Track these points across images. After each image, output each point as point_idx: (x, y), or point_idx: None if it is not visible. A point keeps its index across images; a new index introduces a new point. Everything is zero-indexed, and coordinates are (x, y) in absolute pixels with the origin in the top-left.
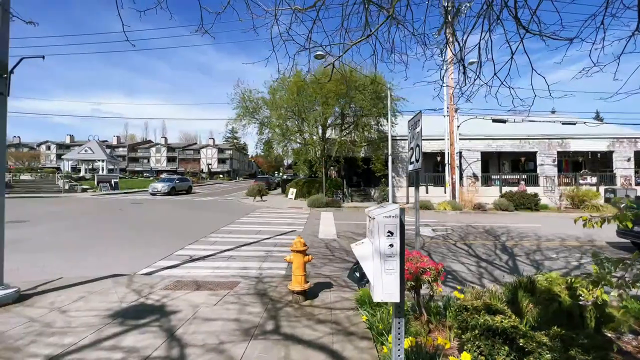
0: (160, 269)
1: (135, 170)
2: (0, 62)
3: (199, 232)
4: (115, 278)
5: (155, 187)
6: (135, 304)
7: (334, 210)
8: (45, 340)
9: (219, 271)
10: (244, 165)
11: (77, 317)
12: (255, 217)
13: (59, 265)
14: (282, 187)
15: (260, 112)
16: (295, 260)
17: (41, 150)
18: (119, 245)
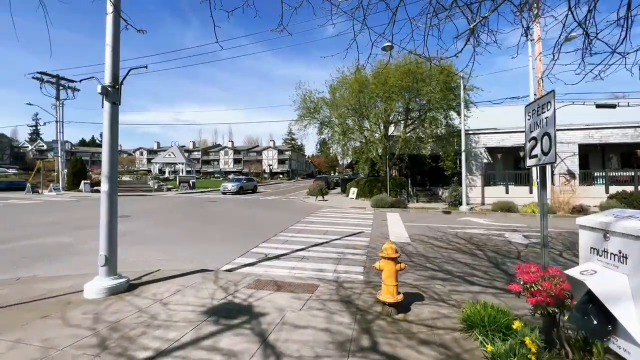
0: (239, 266)
1: (207, 171)
2: (113, 75)
3: (270, 231)
4: (203, 273)
5: (225, 187)
6: (224, 302)
7: (399, 211)
8: (153, 333)
9: (295, 272)
10: (302, 165)
11: (177, 311)
12: (319, 216)
13: (156, 257)
14: (341, 187)
15: (320, 112)
16: (386, 268)
17: (136, 155)
18: (202, 241)
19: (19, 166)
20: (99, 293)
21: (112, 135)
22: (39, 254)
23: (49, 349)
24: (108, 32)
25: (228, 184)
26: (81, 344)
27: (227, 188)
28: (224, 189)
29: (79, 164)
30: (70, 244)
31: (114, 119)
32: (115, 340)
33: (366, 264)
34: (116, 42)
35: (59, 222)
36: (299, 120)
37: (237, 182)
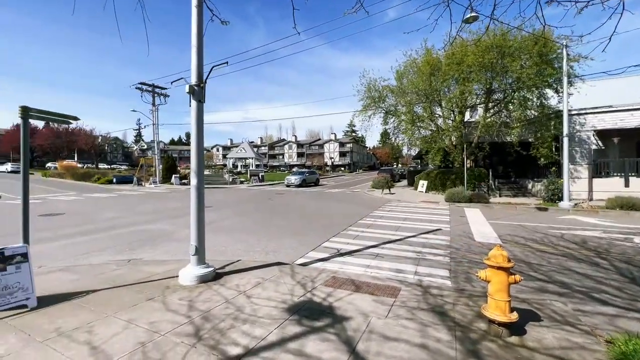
0: (312, 261)
1: (273, 165)
2: (198, 74)
3: (338, 225)
4: (280, 267)
5: (289, 180)
6: (304, 300)
7: (480, 207)
8: (240, 328)
9: (371, 271)
10: (363, 157)
11: (260, 306)
12: (388, 211)
13: (235, 247)
14: (407, 179)
15: (385, 100)
16: (496, 279)
17: (213, 151)
18: (274, 233)
19: (128, 163)
20: (191, 280)
21: (199, 131)
22: (144, 238)
23: (154, 332)
24: (193, 32)
25: (292, 177)
26: (179, 331)
27: (291, 181)
28: (288, 181)
29: (170, 161)
30: (168, 231)
31: (199, 116)
32: (207, 331)
33: (451, 267)
34: (200, 43)
35: (158, 211)
36: (363, 111)
37: (300, 175)
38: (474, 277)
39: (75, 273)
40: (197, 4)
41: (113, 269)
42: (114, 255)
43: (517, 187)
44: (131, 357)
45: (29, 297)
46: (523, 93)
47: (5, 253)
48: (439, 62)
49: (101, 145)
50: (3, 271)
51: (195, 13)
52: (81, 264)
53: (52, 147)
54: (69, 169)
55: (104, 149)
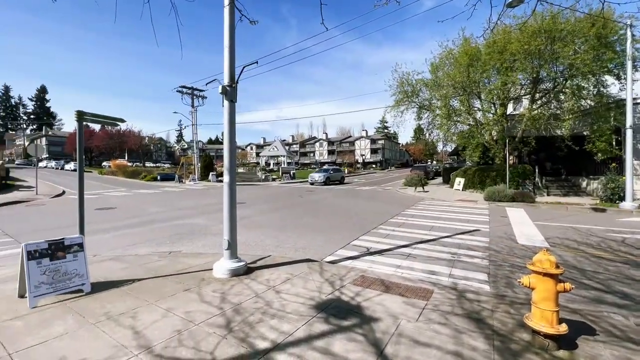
0: (342, 259)
1: (304, 162)
2: (230, 75)
3: (369, 223)
4: (308, 263)
5: (313, 178)
6: (332, 298)
7: (524, 207)
8: (269, 322)
9: (401, 271)
10: (395, 154)
11: (288, 302)
12: (421, 209)
13: (266, 242)
14: (443, 177)
15: (419, 95)
16: (542, 286)
17: (247, 150)
18: (304, 229)
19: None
20: (224, 273)
21: (231, 130)
22: (183, 232)
23: (189, 322)
24: (225, 34)
25: (315, 175)
26: (211, 322)
27: (314, 179)
28: (312, 179)
29: (208, 159)
30: (205, 226)
31: (232, 115)
32: (238, 324)
33: (490, 271)
34: (232, 44)
35: (196, 207)
36: (395, 106)
37: (324, 173)
38: (517, 283)
39: (123, 262)
40: (229, 4)
41: (156, 260)
42: (157, 247)
43: (568, 185)
44: (168, 344)
45: (84, 282)
46: (577, 81)
47: (65, 243)
48: (477, 51)
49: (147, 146)
50: (63, 259)
51: (227, 14)
52: (129, 254)
53: (106, 147)
54: (120, 167)
55: (150, 149)
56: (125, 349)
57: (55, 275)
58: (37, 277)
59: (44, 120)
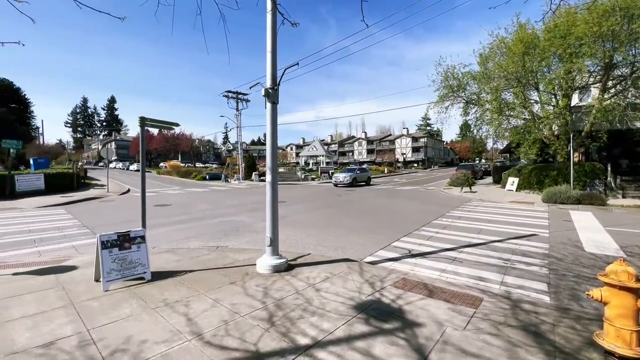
0: (382, 260)
1: (343, 162)
2: (273, 78)
3: (410, 224)
4: (348, 263)
5: (337, 178)
6: (372, 299)
7: (593, 210)
8: (309, 319)
9: (446, 276)
10: (439, 152)
11: (328, 300)
12: (468, 211)
13: (305, 241)
14: (493, 176)
15: (465, 89)
16: (617, 301)
17: (287, 150)
18: (343, 229)
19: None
20: (266, 269)
21: (273, 131)
22: (229, 228)
23: (234, 313)
24: (268, 37)
25: (340, 175)
26: (255, 315)
27: (339, 180)
28: (336, 180)
29: (251, 160)
30: (248, 223)
31: (274, 117)
32: (279, 319)
33: (550, 281)
34: (274, 48)
35: (240, 205)
36: (439, 102)
37: (350, 173)
38: (584, 295)
39: (177, 255)
40: (271, 9)
41: (205, 253)
42: (206, 241)
43: None
44: (216, 332)
45: (146, 271)
46: None
47: (130, 235)
48: (534, 38)
49: (197, 147)
50: (129, 249)
51: (270, 19)
52: (182, 247)
53: (163, 149)
54: (175, 168)
55: (200, 151)
56: (180, 334)
57: (122, 263)
58: (108, 265)
59: (113, 126)
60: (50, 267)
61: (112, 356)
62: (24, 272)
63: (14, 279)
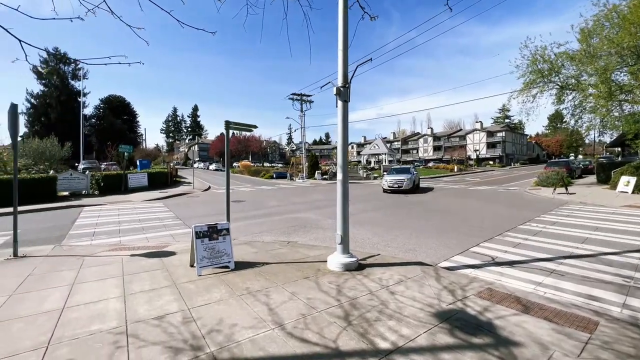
0: (460, 266)
1: (406, 160)
2: (344, 76)
3: (490, 229)
4: (422, 267)
5: (387, 182)
6: (454, 308)
7: None
8: (387, 323)
9: (544, 291)
10: (521, 148)
11: (404, 305)
12: (565, 216)
13: (373, 240)
14: (597, 175)
15: (559, 72)
16: None
17: (348, 149)
18: (413, 230)
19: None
20: (337, 266)
21: (344, 129)
22: (297, 225)
23: (311, 308)
24: (340, 36)
25: (392, 179)
26: (331, 311)
27: (391, 184)
28: (387, 184)
29: (314, 159)
30: (315, 220)
31: (345, 115)
32: (356, 318)
33: None
34: (345, 46)
35: (306, 202)
36: (524, 89)
37: (407, 175)
38: None
39: (254, 247)
40: (343, 6)
41: (278, 247)
42: (277, 236)
43: None
44: (296, 324)
45: (230, 261)
46: None
47: (217, 227)
48: None
49: (265, 148)
50: (216, 240)
51: (341, 18)
52: (257, 240)
53: (235, 151)
54: (246, 167)
55: (267, 151)
56: (264, 322)
57: (211, 252)
58: (201, 252)
59: (196, 131)
60: (155, 251)
61: (209, 335)
62: (138, 254)
63: (132, 259)
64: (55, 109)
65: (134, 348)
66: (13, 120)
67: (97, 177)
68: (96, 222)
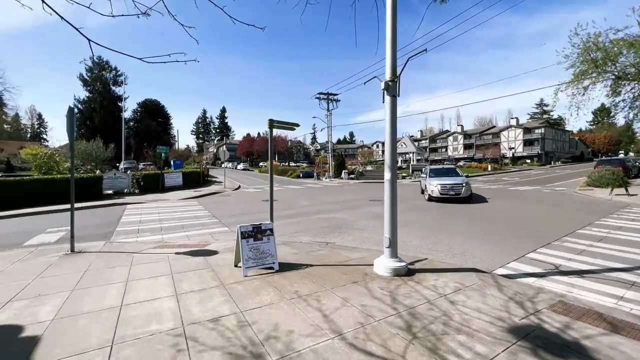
0: (520, 275)
1: (434, 159)
2: (392, 69)
3: (545, 233)
4: (478, 274)
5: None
6: (529, 324)
7: None
8: (456, 337)
9: (630, 306)
10: (562, 145)
11: (470, 317)
12: (631, 220)
13: (415, 243)
14: None
15: (616, 61)
16: None
17: (373, 148)
18: (457, 233)
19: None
20: (385, 271)
21: (392, 125)
22: (331, 225)
23: (368, 316)
24: (388, 28)
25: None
26: (390, 321)
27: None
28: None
29: (341, 158)
30: (349, 220)
31: (393, 110)
32: (420, 330)
33: None
34: (394, 39)
35: (336, 202)
36: (574, 81)
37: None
38: None
39: (293, 248)
40: None
41: (317, 248)
42: (314, 236)
43: None
44: (356, 334)
45: (274, 262)
46: None
47: (262, 227)
48: None
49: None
50: (260, 240)
51: (390, 7)
52: (295, 240)
53: (262, 151)
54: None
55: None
56: (321, 330)
57: (256, 253)
58: (246, 253)
59: (224, 132)
60: (197, 250)
61: (268, 341)
62: (182, 252)
63: (178, 257)
64: (99, 113)
65: (195, 352)
66: (70, 122)
67: (137, 176)
68: (139, 219)
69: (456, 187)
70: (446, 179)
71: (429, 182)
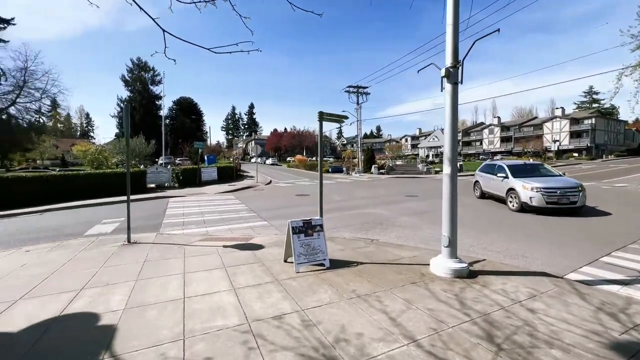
0: (598, 281)
1: (468, 153)
2: (454, 55)
3: (615, 234)
4: (550, 279)
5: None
6: (632, 340)
7: None
8: (549, 352)
9: None
10: (616, 137)
11: (558, 329)
12: None
13: (465, 242)
14: None
15: None
16: None
17: (402, 142)
18: (510, 232)
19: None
20: (444, 272)
21: (453, 115)
22: (370, 221)
23: (439, 322)
24: (449, 9)
25: (537, 186)
26: (466, 329)
27: (546, 198)
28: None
29: (370, 152)
30: (388, 217)
31: (454, 99)
32: (504, 341)
33: None
34: (456, 22)
35: (371, 197)
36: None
37: (568, 182)
38: None
39: (338, 244)
40: None
41: (363, 245)
42: (355, 232)
43: None
44: (432, 342)
45: (325, 258)
46: None
47: (312, 223)
48: None
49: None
50: (311, 236)
51: None
52: (337, 236)
53: (290, 145)
54: (301, 162)
55: None
56: (392, 335)
57: (307, 249)
58: (298, 249)
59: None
60: (243, 243)
61: (338, 344)
62: (229, 245)
63: (226, 251)
64: (139, 111)
65: (266, 352)
66: (126, 117)
67: (176, 171)
68: (183, 212)
69: (571, 193)
70: (544, 181)
71: (514, 184)
